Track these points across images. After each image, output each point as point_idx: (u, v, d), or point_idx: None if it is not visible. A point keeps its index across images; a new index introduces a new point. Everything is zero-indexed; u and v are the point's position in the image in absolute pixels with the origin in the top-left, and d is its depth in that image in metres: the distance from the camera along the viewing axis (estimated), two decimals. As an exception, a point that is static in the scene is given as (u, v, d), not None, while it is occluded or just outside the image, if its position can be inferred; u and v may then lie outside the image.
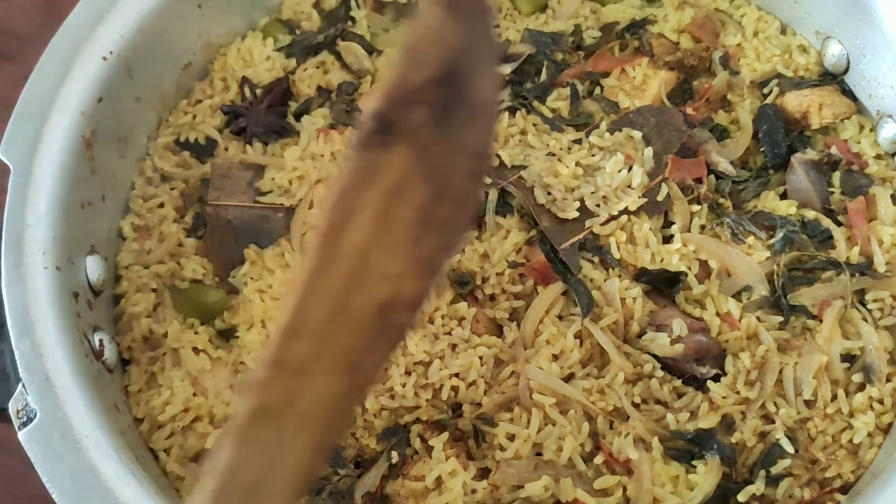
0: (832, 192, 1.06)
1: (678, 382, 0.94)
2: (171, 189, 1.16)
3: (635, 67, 1.18)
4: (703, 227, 1.03)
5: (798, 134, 1.12)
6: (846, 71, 1.14)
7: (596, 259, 1.02)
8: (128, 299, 1.07)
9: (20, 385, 0.85)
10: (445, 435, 0.93)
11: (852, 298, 0.97)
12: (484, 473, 0.93)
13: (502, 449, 0.93)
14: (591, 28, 1.24)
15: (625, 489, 0.89)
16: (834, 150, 1.09)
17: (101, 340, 0.98)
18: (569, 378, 0.95)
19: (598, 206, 1.05)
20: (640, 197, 1.04)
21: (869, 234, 1.01)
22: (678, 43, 1.21)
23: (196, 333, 1.04)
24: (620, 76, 1.18)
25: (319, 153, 1.13)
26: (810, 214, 1.03)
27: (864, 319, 0.95)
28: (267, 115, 1.18)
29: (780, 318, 0.96)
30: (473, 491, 0.91)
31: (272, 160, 1.15)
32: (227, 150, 1.18)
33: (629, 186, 1.05)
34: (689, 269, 1.00)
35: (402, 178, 0.47)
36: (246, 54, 1.26)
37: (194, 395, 1.00)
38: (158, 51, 1.17)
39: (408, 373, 0.97)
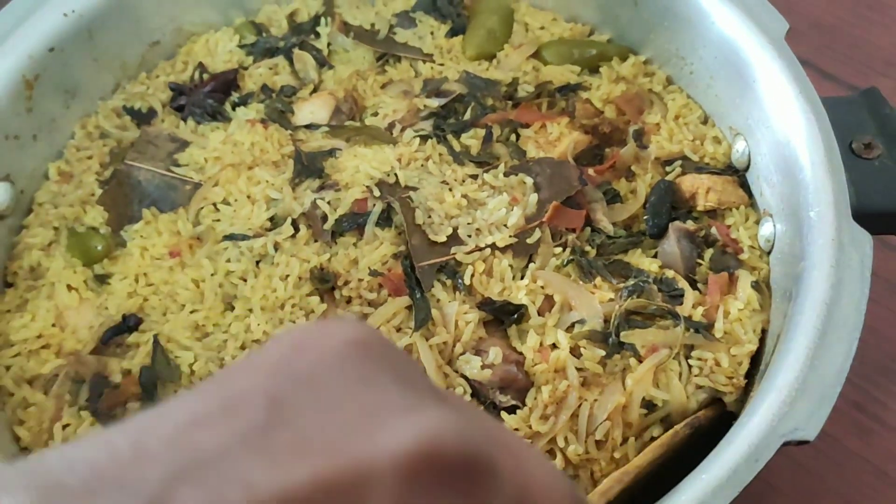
0: (700, 265, 1.08)
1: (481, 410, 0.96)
2: (104, 146, 1.25)
3: (555, 124, 1.23)
4: (557, 267, 1.06)
5: (686, 212, 1.15)
6: (747, 168, 1.17)
7: (449, 282, 1.06)
8: (29, 230, 1.16)
9: None
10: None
11: (680, 351, 0.98)
12: (278, 454, 0.96)
13: (301, 435, 0.96)
14: (527, 83, 1.30)
15: None
16: (714, 230, 1.11)
17: (-19, 256, 1.07)
18: None
19: (469, 236, 1.09)
20: (510, 236, 1.08)
21: (719, 304, 1.02)
22: (602, 111, 1.26)
23: (75, 273, 1.11)
24: (539, 130, 1.23)
25: (241, 141, 1.21)
26: (669, 274, 1.05)
27: (680, 374, 0.96)
28: (206, 98, 1.27)
29: (603, 352, 0.97)
30: (260, 466, 0.94)
31: (197, 139, 1.23)
32: (163, 121, 1.27)
33: (504, 225, 1.10)
34: (534, 303, 1.03)
35: None
36: (212, 45, 1.37)
37: (53, 325, 1.07)
38: (124, 22, 1.27)
39: (243, 347, 1.02)
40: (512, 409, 0.95)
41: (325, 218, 1.12)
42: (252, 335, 1.02)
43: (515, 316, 1.01)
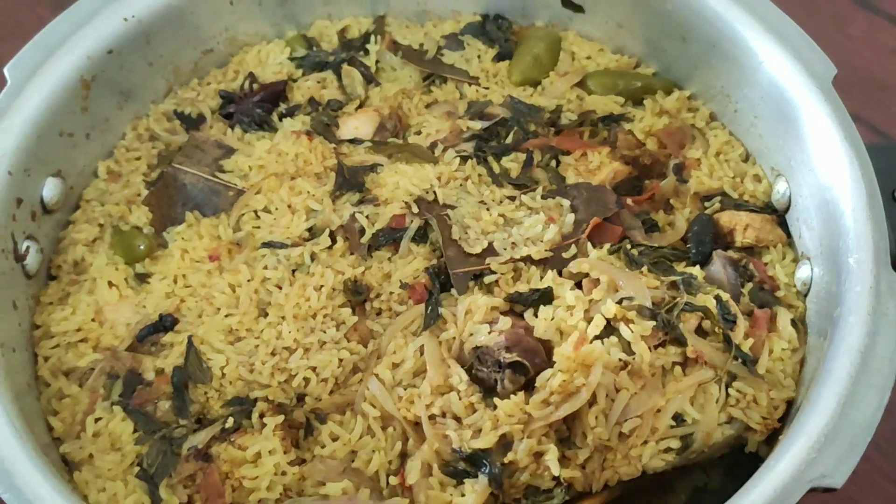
0: (743, 295, 1.07)
1: (477, 398, 0.97)
2: (153, 148, 1.28)
3: (596, 153, 1.24)
4: (601, 258, 1.08)
5: (724, 248, 1.14)
6: (787, 209, 1.16)
7: (474, 286, 1.07)
8: (75, 226, 1.19)
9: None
10: (281, 418, 0.99)
11: (723, 377, 0.98)
12: (302, 462, 0.97)
13: (323, 446, 0.97)
14: (571, 111, 1.31)
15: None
16: (751, 266, 1.11)
17: (28, 247, 1.10)
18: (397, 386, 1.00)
19: (504, 249, 1.10)
20: (546, 250, 1.09)
21: (765, 340, 1.02)
22: (644, 143, 1.26)
23: (116, 270, 1.14)
24: (580, 158, 1.24)
25: (286, 151, 1.23)
26: (724, 296, 1.04)
27: (717, 400, 0.96)
28: (255, 107, 1.30)
29: (653, 323, 0.97)
30: (283, 473, 0.96)
31: (243, 146, 1.26)
32: (211, 127, 1.30)
33: (540, 240, 1.10)
34: (560, 286, 1.04)
35: None
36: (263, 56, 1.39)
37: (93, 320, 1.10)
38: (181, 29, 1.31)
39: (273, 354, 1.04)
40: (517, 366, 0.95)
41: (362, 231, 1.14)
42: (283, 342, 1.04)
43: (539, 297, 1.02)
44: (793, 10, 1.20)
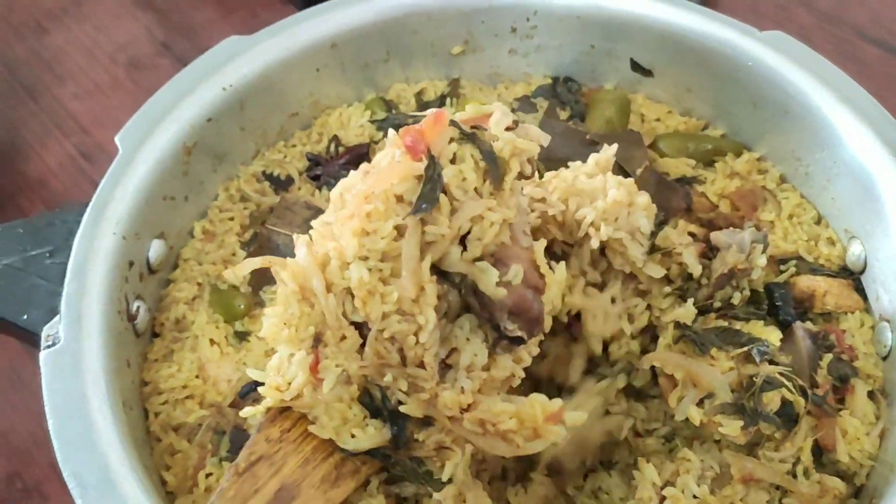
0: (821, 368, 1.10)
1: (431, 357, 0.86)
2: (244, 209, 1.34)
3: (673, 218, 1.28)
4: (668, 346, 1.07)
5: (801, 313, 1.17)
6: (863, 271, 1.20)
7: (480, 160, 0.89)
8: (176, 284, 1.25)
9: (58, 316, 1.03)
10: (384, 475, 1.03)
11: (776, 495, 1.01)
12: (406, 522, 1.02)
13: None
14: (644, 173, 1.36)
15: None
16: (832, 337, 1.13)
17: (138, 307, 1.16)
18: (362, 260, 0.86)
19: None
20: None
21: (835, 426, 1.04)
22: (717, 206, 1.31)
23: (217, 328, 1.20)
24: (656, 221, 1.29)
25: (372, 213, 1.29)
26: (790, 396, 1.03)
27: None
28: (341, 170, 1.36)
29: (741, 422, 0.98)
30: (387, 532, 1.00)
31: (332, 207, 1.32)
32: (299, 189, 1.37)
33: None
34: None
35: None
36: (345, 118, 1.46)
37: (197, 377, 1.15)
38: (271, 96, 1.38)
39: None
40: (518, 341, 0.88)
41: (450, 292, 1.18)
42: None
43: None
44: (847, 73, 1.25)
